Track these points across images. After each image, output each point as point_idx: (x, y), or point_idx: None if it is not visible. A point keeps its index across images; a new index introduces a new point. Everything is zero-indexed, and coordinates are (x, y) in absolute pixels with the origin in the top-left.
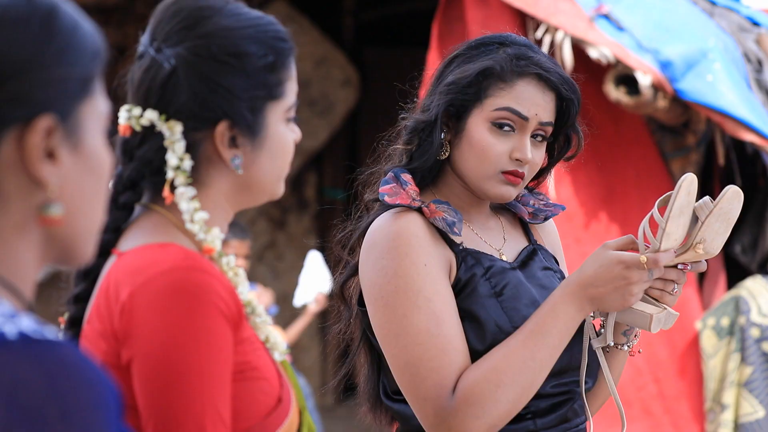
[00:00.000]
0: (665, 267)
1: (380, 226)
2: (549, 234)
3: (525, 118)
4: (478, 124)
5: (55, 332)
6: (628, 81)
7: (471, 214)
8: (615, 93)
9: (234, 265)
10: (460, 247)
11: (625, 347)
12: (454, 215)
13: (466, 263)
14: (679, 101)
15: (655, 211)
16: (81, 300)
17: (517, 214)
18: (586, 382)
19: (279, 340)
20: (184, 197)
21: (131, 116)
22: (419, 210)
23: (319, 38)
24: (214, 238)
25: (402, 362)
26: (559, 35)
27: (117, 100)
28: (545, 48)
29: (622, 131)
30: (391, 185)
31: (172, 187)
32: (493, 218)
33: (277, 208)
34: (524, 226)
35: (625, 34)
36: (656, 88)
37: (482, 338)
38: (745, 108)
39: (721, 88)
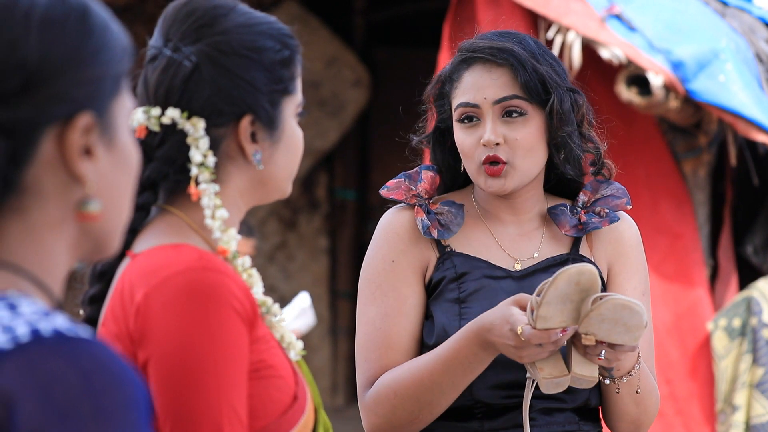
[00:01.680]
0: (585, 336)
1: (381, 218)
2: (610, 243)
3: (475, 106)
4: (456, 129)
5: (88, 331)
6: (639, 81)
7: (502, 219)
8: (626, 93)
9: (248, 266)
10: (447, 249)
11: (606, 381)
12: (452, 218)
13: (443, 265)
14: (690, 102)
15: (534, 295)
16: (96, 300)
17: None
18: (590, 401)
19: (294, 338)
20: (208, 193)
21: (150, 117)
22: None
23: (329, 38)
24: (231, 238)
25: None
26: (570, 35)
27: None
28: (556, 48)
29: (634, 132)
30: (400, 180)
31: (196, 184)
32: (537, 226)
33: (287, 209)
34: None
35: (637, 34)
36: (668, 88)
37: (431, 337)
38: (757, 108)
39: (733, 88)
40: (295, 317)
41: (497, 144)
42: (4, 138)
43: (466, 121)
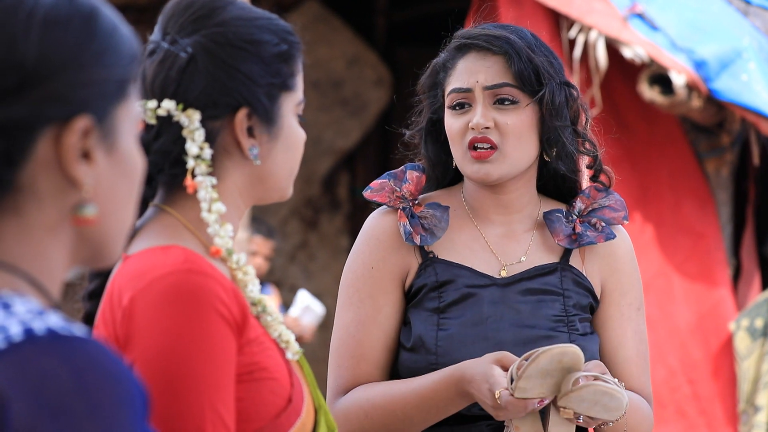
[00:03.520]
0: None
1: (366, 220)
2: (604, 258)
3: (467, 90)
4: (447, 115)
5: (82, 329)
6: (662, 81)
7: (491, 218)
8: (649, 93)
9: (243, 264)
10: (430, 255)
11: (580, 418)
12: (436, 222)
13: (425, 273)
14: (713, 101)
15: (516, 363)
16: (95, 296)
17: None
18: None
19: (292, 338)
20: (204, 186)
21: (146, 109)
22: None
23: (351, 38)
24: (226, 233)
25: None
26: (592, 35)
27: None
28: (579, 48)
29: (656, 131)
30: (384, 180)
31: (192, 177)
32: (527, 229)
33: (309, 208)
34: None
35: (659, 33)
36: (690, 87)
37: (408, 342)
38: None
39: (755, 87)
40: (302, 316)
41: (487, 128)
42: None
43: (457, 108)
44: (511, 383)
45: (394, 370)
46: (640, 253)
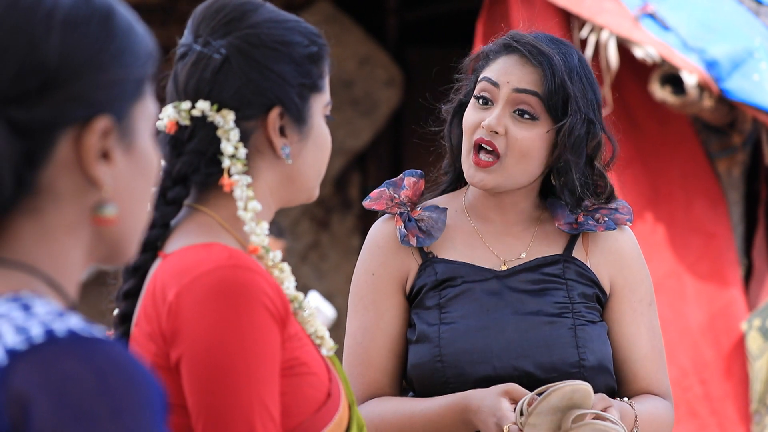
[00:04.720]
0: None
1: (370, 229)
2: (611, 253)
3: (496, 84)
4: (470, 104)
5: (103, 331)
6: (673, 80)
7: (489, 218)
8: (660, 93)
9: (279, 261)
10: (429, 256)
11: None
12: (433, 224)
13: (425, 273)
14: (724, 101)
15: (527, 398)
16: (130, 296)
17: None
18: None
19: (326, 334)
20: (240, 185)
21: (180, 110)
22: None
23: (362, 38)
24: (262, 231)
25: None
26: (604, 35)
27: (160, 101)
28: (590, 48)
29: (668, 131)
30: (383, 189)
31: (229, 176)
32: (527, 227)
33: (320, 208)
34: (573, 237)
35: (671, 33)
36: (702, 87)
37: (413, 336)
38: None
39: (767, 87)
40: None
41: (496, 133)
42: (20, 138)
43: (481, 101)
44: (521, 416)
45: (405, 376)
46: (651, 253)
